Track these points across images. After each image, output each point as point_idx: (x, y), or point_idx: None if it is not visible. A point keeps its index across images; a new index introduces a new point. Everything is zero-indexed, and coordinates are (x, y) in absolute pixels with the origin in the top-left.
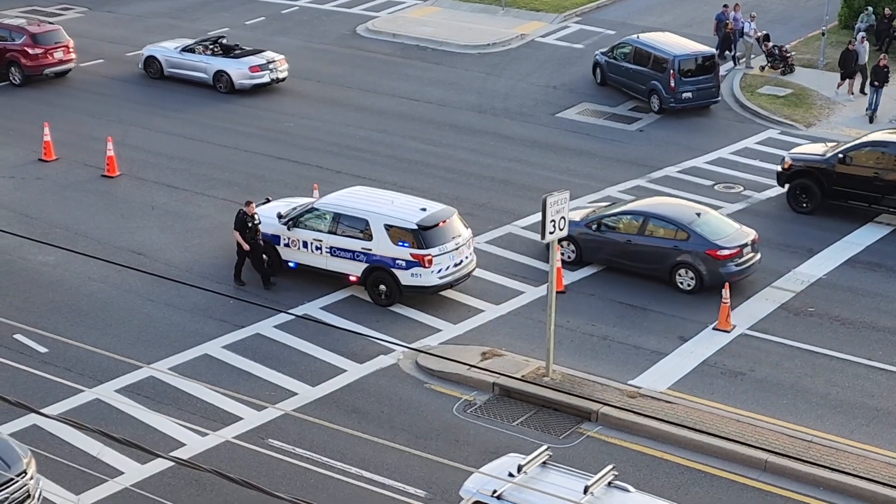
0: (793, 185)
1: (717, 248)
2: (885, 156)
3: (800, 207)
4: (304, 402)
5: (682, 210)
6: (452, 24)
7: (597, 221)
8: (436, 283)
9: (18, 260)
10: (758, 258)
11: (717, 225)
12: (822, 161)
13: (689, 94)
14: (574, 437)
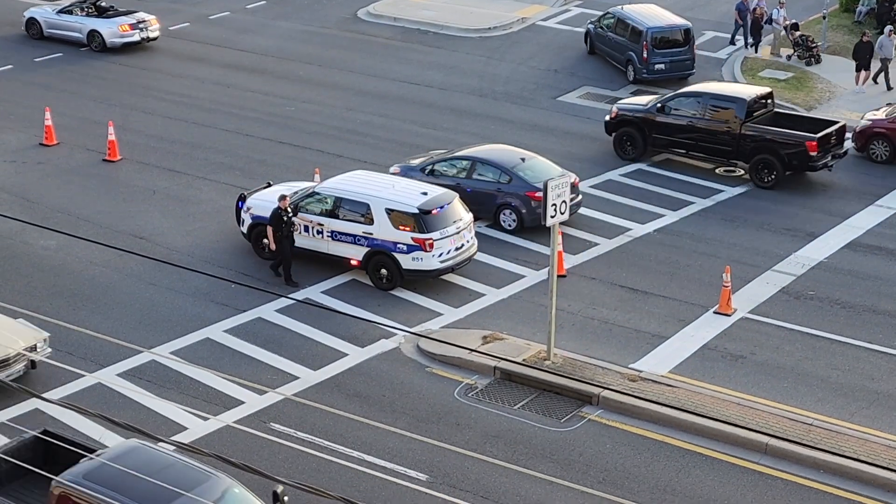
0: (618, 133)
1: (536, 191)
2: (699, 105)
3: (625, 155)
4: (306, 386)
5: (508, 155)
6: (453, 7)
7: (431, 167)
8: (437, 267)
9: (20, 244)
10: (578, 199)
11: (539, 169)
12: (643, 111)
13: (662, 66)
14: (575, 420)
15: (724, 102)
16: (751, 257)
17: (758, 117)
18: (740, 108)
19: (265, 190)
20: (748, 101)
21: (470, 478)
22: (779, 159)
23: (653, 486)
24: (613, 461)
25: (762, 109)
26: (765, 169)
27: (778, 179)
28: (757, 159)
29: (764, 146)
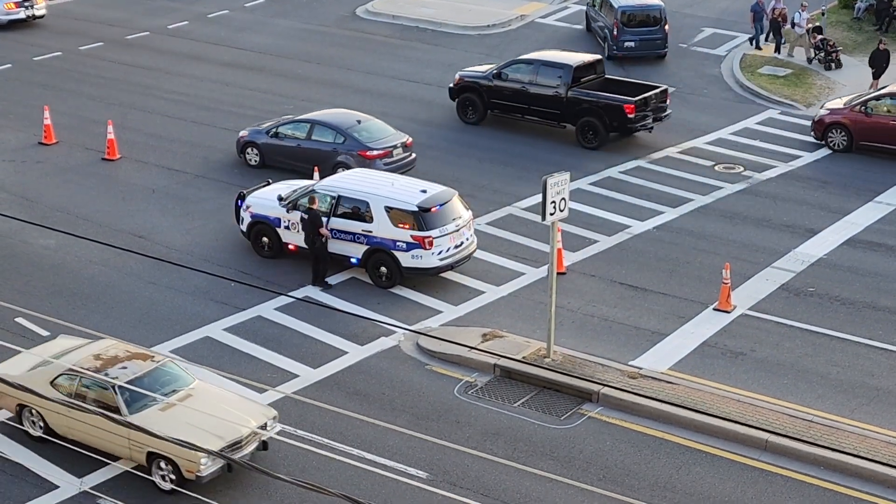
0: (460, 99)
1: (368, 150)
2: (531, 71)
3: (466, 119)
4: (306, 384)
5: (344, 118)
6: (452, 5)
7: (275, 129)
8: (436, 265)
9: (19, 243)
10: (411, 157)
11: (373, 130)
12: (482, 77)
13: (632, 44)
14: (575, 417)
15: (552, 69)
16: (750, 254)
17: (585, 83)
18: (567, 74)
19: (264, 188)
20: (574, 67)
21: (470, 475)
22: (600, 121)
23: (653, 483)
24: (613, 458)
25: (591, 76)
26: (589, 131)
27: (601, 140)
28: (582, 121)
29: (587, 109)
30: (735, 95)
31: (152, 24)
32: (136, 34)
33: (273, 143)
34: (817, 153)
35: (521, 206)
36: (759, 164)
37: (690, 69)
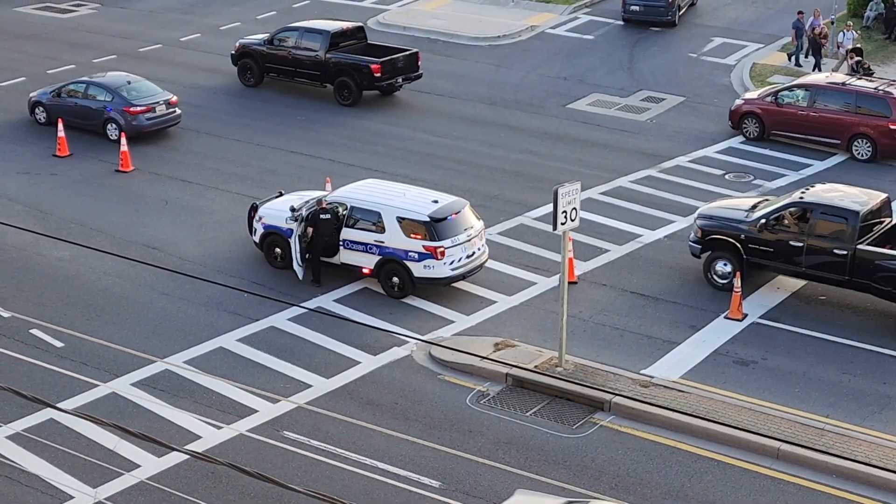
0: (240, 64)
1: (132, 106)
2: (296, 38)
3: (246, 82)
4: (319, 394)
5: (116, 78)
6: (463, 16)
7: (58, 90)
8: (448, 275)
9: (34, 256)
10: (176, 114)
11: (141, 89)
12: (258, 44)
13: (637, 8)
14: (587, 426)
15: (313, 34)
16: None
17: (343, 47)
18: (325, 40)
19: (277, 199)
20: (332, 32)
21: (482, 484)
22: (353, 80)
23: (665, 492)
24: (625, 467)
25: (350, 41)
26: (344, 89)
27: (355, 98)
28: (338, 81)
29: (342, 70)
30: None
31: (165, 37)
32: (148, 47)
33: (56, 103)
34: (827, 162)
35: (532, 215)
36: (769, 172)
37: (700, 79)
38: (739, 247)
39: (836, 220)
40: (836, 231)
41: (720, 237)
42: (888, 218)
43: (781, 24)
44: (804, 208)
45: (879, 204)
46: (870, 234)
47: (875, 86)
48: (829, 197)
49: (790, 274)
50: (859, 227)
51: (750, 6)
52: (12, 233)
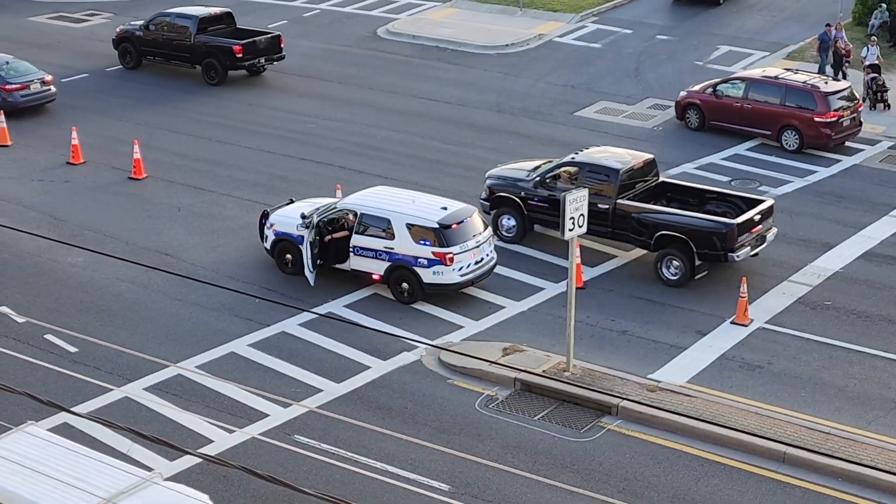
0: (119, 48)
1: (7, 84)
2: (167, 22)
3: (126, 64)
4: (329, 398)
5: None
6: (471, 25)
7: None
8: (457, 281)
9: (48, 262)
10: (50, 91)
11: (19, 69)
12: (137, 28)
13: None
14: (595, 430)
15: (182, 19)
16: (767, 268)
17: (211, 31)
18: (193, 24)
19: (288, 206)
20: (200, 18)
21: (491, 488)
22: (218, 61)
23: (672, 496)
24: (633, 471)
25: (219, 26)
26: (211, 70)
27: (220, 78)
28: (205, 62)
29: (208, 52)
30: None
31: None
32: None
33: None
34: (832, 168)
35: None
36: (775, 179)
37: None
38: (520, 203)
39: (600, 177)
40: (601, 187)
41: (504, 195)
42: (654, 177)
43: (787, 32)
44: (575, 167)
45: (642, 163)
46: (632, 191)
47: (803, 80)
48: (597, 157)
49: None
50: (620, 183)
51: (756, 14)
52: (27, 239)
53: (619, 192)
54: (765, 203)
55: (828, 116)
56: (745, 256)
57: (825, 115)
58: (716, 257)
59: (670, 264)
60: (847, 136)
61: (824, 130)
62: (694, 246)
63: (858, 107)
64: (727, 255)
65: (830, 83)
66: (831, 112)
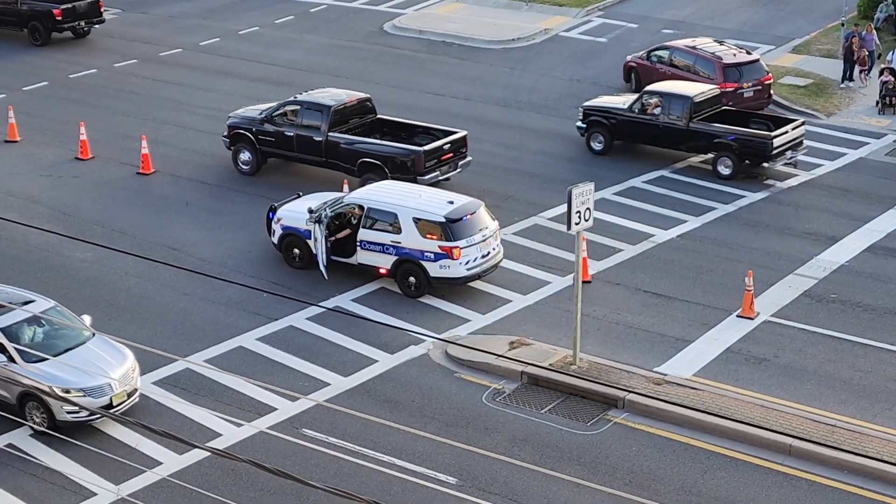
0: None
1: None
2: None
3: None
4: (337, 392)
5: None
6: (477, 20)
7: None
8: (464, 275)
9: (57, 257)
10: None
11: None
12: None
13: None
14: (601, 423)
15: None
16: (773, 261)
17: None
18: None
19: (295, 201)
20: None
21: (498, 481)
22: (41, 24)
23: (678, 488)
24: (639, 463)
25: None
26: (35, 32)
27: (44, 40)
28: (30, 25)
29: (33, 16)
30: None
31: (185, 42)
32: (169, 51)
33: None
34: (838, 162)
35: (547, 215)
36: (781, 172)
37: None
38: (253, 138)
39: (316, 113)
40: (316, 123)
41: (241, 132)
42: (371, 114)
43: (792, 25)
44: (297, 105)
45: (356, 102)
46: (345, 126)
47: (713, 50)
48: (315, 96)
49: (286, 158)
50: (332, 119)
51: (761, 8)
52: (36, 234)
53: (331, 126)
54: (456, 134)
55: (725, 86)
56: (433, 179)
57: (722, 85)
58: (407, 180)
59: None
60: (752, 107)
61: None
62: (388, 170)
63: (765, 80)
64: (416, 178)
65: (739, 55)
66: (729, 83)
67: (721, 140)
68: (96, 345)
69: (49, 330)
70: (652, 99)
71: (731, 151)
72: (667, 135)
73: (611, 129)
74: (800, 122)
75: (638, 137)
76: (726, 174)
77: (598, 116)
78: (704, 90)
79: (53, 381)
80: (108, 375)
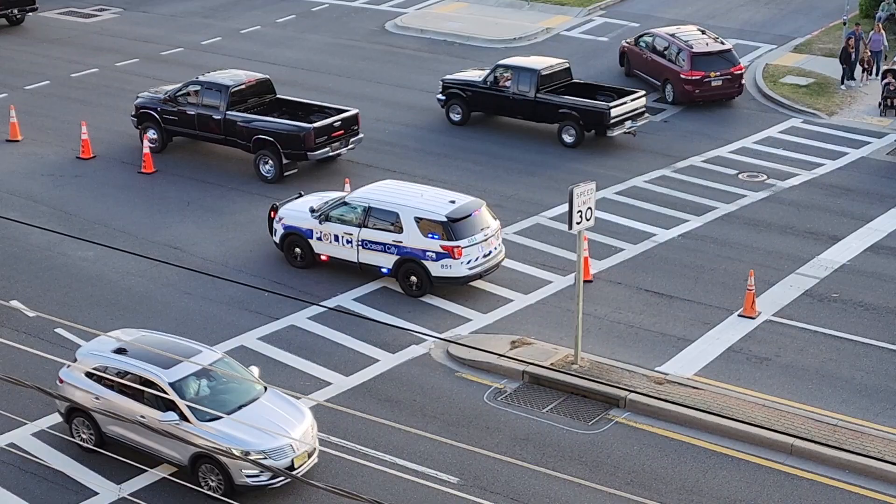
0: None
1: None
2: None
3: None
4: (339, 391)
5: None
6: (479, 19)
7: None
8: (465, 274)
9: (59, 256)
10: None
11: None
12: None
13: None
14: (603, 423)
15: None
16: (774, 261)
17: None
18: None
19: (297, 200)
20: None
21: (500, 480)
22: None
23: (680, 487)
24: (641, 463)
25: None
26: None
27: None
28: None
29: None
30: (758, 105)
31: (187, 41)
32: (170, 50)
33: None
34: (839, 161)
35: (548, 214)
36: (782, 172)
37: None
38: (158, 117)
39: (215, 93)
40: (215, 102)
41: (147, 111)
42: (270, 95)
43: (794, 24)
44: (197, 85)
45: (255, 82)
46: (243, 105)
47: (687, 39)
48: (215, 76)
49: (189, 136)
50: (230, 99)
51: (763, 7)
52: (37, 233)
53: (229, 105)
54: (347, 112)
55: (692, 74)
56: (323, 155)
57: (689, 73)
58: (298, 156)
59: (266, 162)
60: (719, 96)
61: (687, 87)
62: (280, 146)
63: (735, 70)
64: (307, 154)
65: (712, 45)
66: (696, 71)
67: (565, 110)
68: (271, 400)
69: (218, 384)
70: (503, 73)
71: (573, 121)
72: (517, 106)
73: (468, 101)
74: (640, 94)
75: (492, 109)
76: (570, 142)
77: (455, 89)
78: (552, 64)
79: (232, 442)
80: (289, 435)
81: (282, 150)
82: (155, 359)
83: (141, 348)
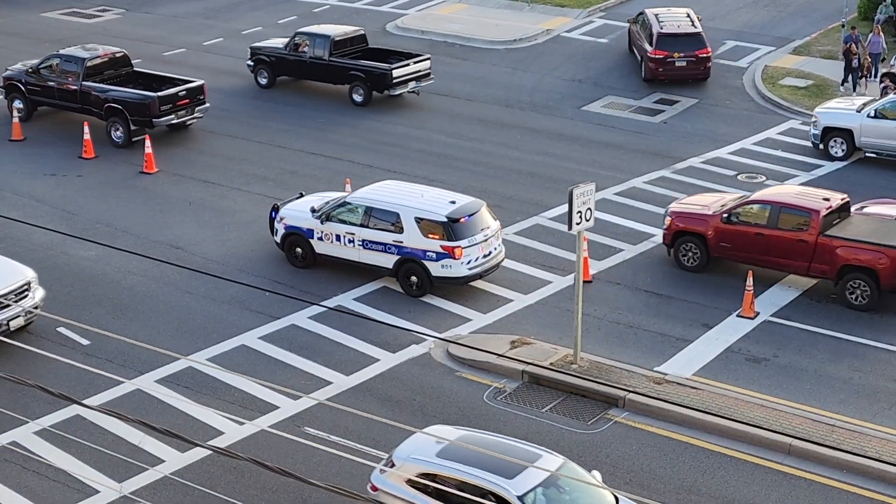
0: None
1: None
2: None
3: None
4: (339, 390)
5: None
6: (479, 20)
7: None
8: (465, 274)
9: (61, 255)
10: None
11: None
12: None
13: None
14: (602, 422)
15: None
16: None
17: None
18: None
19: (298, 200)
20: None
21: None
22: None
23: (678, 487)
24: (639, 462)
25: None
26: None
27: None
28: None
29: None
30: (757, 106)
31: (188, 41)
32: (172, 51)
33: None
34: (836, 163)
35: (548, 215)
36: (781, 173)
37: (713, 81)
38: (23, 88)
39: (73, 66)
40: (73, 73)
41: (13, 83)
42: (126, 68)
43: (793, 26)
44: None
45: (109, 55)
46: (100, 76)
47: (668, 20)
48: (73, 50)
49: (51, 105)
50: (85, 71)
51: (762, 9)
52: (40, 233)
53: (85, 76)
54: (193, 83)
55: (656, 53)
56: (168, 122)
57: (654, 52)
58: (146, 122)
59: (116, 129)
60: (683, 76)
61: (651, 65)
62: (128, 114)
63: (700, 53)
64: (152, 120)
65: (683, 27)
66: (660, 50)
67: (354, 72)
68: None
69: (564, 494)
70: (302, 39)
71: (361, 82)
72: (313, 69)
73: (272, 66)
74: (424, 58)
75: (293, 73)
76: (359, 101)
77: (262, 56)
78: (347, 31)
79: None
80: None
81: (129, 117)
82: (490, 464)
83: (471, 450)
